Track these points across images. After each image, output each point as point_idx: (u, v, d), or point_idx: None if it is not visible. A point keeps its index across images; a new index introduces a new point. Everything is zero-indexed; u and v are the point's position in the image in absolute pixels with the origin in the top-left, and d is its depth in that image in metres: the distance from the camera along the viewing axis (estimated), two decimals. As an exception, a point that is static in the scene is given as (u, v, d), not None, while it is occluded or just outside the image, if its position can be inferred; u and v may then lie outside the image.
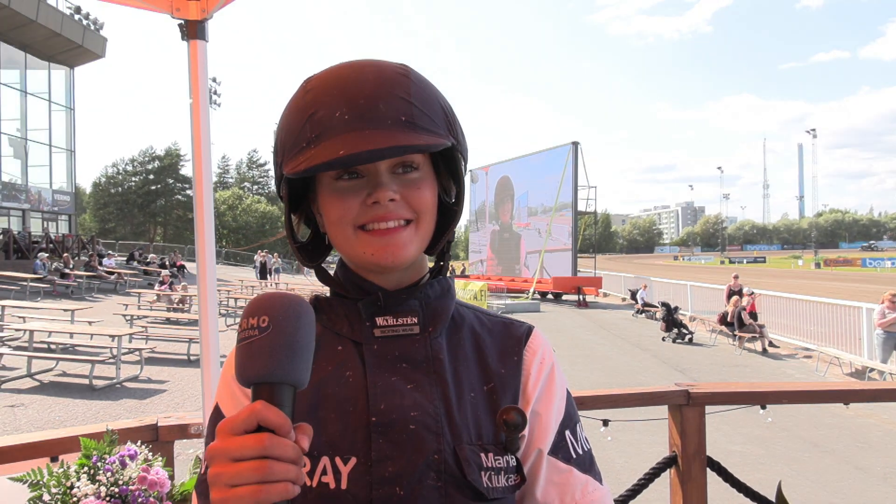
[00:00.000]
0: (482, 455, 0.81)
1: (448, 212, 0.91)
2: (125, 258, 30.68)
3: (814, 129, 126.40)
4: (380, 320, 0.85)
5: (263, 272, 30.52)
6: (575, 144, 27.80)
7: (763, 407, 2.19)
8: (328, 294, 0.92)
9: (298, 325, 0.64)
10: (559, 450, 0.88)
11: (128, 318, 14.39)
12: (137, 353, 10.77)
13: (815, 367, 12.38)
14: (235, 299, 18.65)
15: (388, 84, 0.78)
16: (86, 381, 9.37)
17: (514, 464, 0.84)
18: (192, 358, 11.68)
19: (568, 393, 0.93)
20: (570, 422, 0.90)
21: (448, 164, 0.88)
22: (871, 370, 11.10)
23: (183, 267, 30.39)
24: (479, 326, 0.93)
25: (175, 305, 18.08)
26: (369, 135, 0.75)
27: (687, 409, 2.15)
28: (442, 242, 0.89)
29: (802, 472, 6.41)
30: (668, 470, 2.22)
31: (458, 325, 0.91)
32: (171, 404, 8.64)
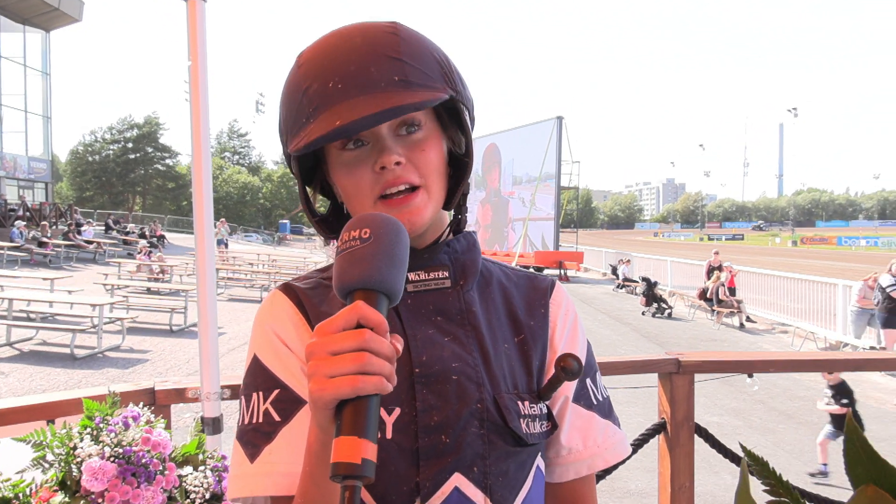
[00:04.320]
0: (519, 403, 0.85)
1: (459, 164, 0.90)
2: (103, 228, 30.32)
3: (795, 108, 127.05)
4: (411, 275, 0.86)
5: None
6: (559, 119, 27.74)
7: (750, 375, 2.25)
8: None
9: (398, 240, 0.67)
10: (581, 397, 0.93)
11: (108, 287, 14.24)
12: (119, 322, 10.70)
13: (791, 341, 12.63)
14: (217, 269, 18.52)
15: (377, 46, 0.78)
16: (67, 351, 9.30)
17: (546, 411, 0.89)
18: (173, 328, 11.63)
19: (588, 343, 0.97)
20: (590, 370, 0.95)
21: (452, 116, 0.88)
22: (846, 345, 11.35)
23: (163, 237, 30.12)
24: (506, 280, 0.96)
25: (156, 276, 17.93)
26: (363, 101, 0.75)
27: (677, 376, 2.20)
28: (457, 196, 0.89)
29: (778, 442, 6.58)
30: (657, 436, 2.28)
31: (486, 279, 0.94)
32: (154, 374, 8.62)
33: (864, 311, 10.91)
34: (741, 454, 2.28)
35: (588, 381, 0.95)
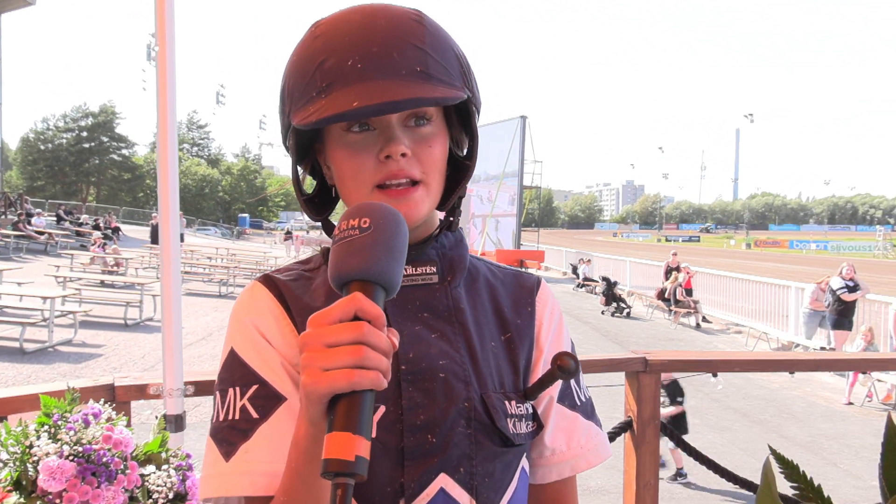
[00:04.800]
0: (506, 402, 0.84)
1: (459, 166, 0.89)
2: (55, 218, 29.42)
3: (751, 114, 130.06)
4: None
5: (155, 236, 28.12)
6: (523, 118, 27.89)
7: (714, 375, 2.28)
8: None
9: (398, 231, 0.64)
10: (566, 397, 0.92)
11: (60, 279, 13.83)
12: (71, 316, 10.38)
13: (745, 342, 12.94)
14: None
15: (401, 31, 0.76)
16: (16, 345, 8.98)
17: (532, 411, 0.87)
18: (128, 322, 11.34)
19: (572, 343, 0.96)
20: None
21: (461, 116, 0.86)
22: (797, 346, 11.66)
23: (118, 229, 29.41)
24: (492, 277, 0.94)
25: (110, 268, 17.49)
26: (384, 85, 0.72)
27: (644, 375, 2.22)
28: (453, 199, 0.87)
29: (733, 440, 6.73)
30: (624, 434, 2.30)
31: (473, 275, 0.92)
32: (108, 369, 8.40)
33: (815, 313, 11.24)
34: (704, 452, 2.29)
35: (572, 381, 0.93)
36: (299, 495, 0.67)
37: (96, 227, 26.98)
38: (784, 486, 0.62)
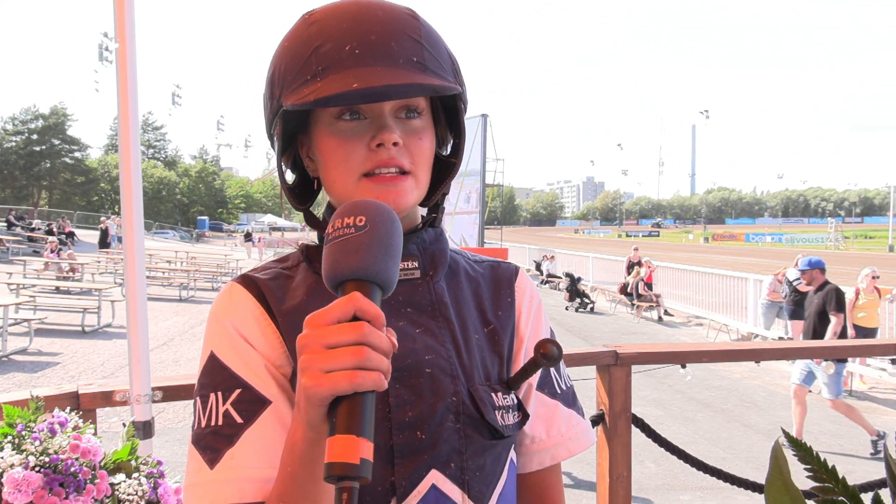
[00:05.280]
0: (493, 395, 0.83)
1: (441, 164, 0.89)
2: (5, 224, 28.54)
3: (707, 111, 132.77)
4: None
5: (104, 241, 26.32)
6: (484, 116, 27.95)
7: (683, 366, 2.32)
8: (316, 241, 0.89)
9: (393, 229, 0.63)
10: (545, 385, 0.91)
11: (13, 287, 13.42)
12: (25, 324, 10.09)
13: (706, 333, 13.20)
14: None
15: (399, 23, 0.76)
16: (-33, 355, 8.72)
17: (517, 402, 0.86)
18: (86, 329, 11.06)
19: (552, 330, 0.95)
20: None
21: (448, 114, 0.87)
22: (756, 336, 11.94)
23: (72, 234, 28.67)
24: (472, 270, 0.94)
25: (65, 274, 17.03)
26: (381, 71, 0.73)
27: (615, 368, 2.25)
28: (437, 195, 0.88)
29: (697, 430, 6.86)
30: (596, 428, 2.32)
31: (454, 269, 0.91)
32: (66, 377, 8.18)
33: (773, 304, 11.51)
34: (675, 443, 2.32)
35: (552, 369, 0.93)
36: (295, 500, 0.66)
37: (49, 233, 26.25)
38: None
